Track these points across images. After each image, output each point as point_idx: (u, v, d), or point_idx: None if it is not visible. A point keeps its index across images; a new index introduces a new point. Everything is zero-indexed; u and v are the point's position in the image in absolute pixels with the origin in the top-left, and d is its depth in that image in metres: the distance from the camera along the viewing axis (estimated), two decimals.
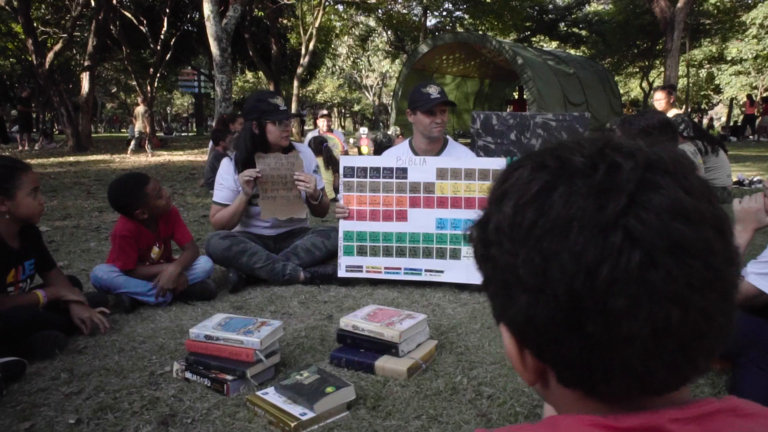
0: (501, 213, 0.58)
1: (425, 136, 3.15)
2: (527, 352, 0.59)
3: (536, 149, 0.64)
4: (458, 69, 15.97)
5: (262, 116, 3.14)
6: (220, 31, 9.01)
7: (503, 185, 0.60)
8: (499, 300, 0.60)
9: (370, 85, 42.48)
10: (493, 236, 0.58)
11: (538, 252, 0.52)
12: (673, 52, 12.35)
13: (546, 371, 0.60)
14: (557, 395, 0.61)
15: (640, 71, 28.59)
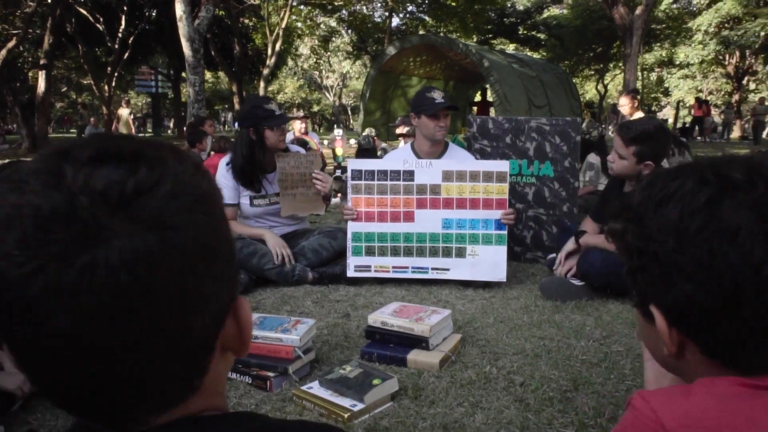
0: (664, 217, 0.72)
1: (428, 139, 3.27)
2: (674, 328, 0.74)
3: (683, 163, 0.78)
4: (424, 71, 16.20)
5: (260, 123, 3.20)
6: (193, 31, 8.92)
7: (661, 192, 0.74)
8: (656, 287, 0.74)
9: (331, 86, 42.44)
10: (657, 235, 0.72)
11: (707, 251, 0.67)
12: (631, 57, 12.88)
13: (686, 344, 0.74)
14: (694, 364, 0.75)
15: (596, 74, 29.53)
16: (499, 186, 3.05)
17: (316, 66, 32.76)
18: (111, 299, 0.43)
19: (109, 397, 0.47)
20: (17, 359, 0.48)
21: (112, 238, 0.43)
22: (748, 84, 28.85)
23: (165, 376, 0.49)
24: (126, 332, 0.45)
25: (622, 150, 2.76)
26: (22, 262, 0.42)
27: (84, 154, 0.46)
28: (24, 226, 0.43)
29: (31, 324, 0.43)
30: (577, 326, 2.50)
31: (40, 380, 0.48)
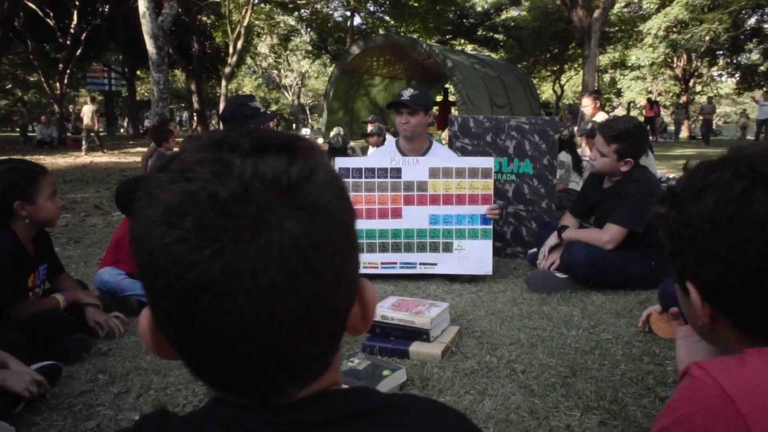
0: (702, 205, 0.81)
1: (401, 135, 3.35)
2: (706, 303, 0.83)
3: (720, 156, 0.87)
4: (388, 71, 16.28)
5: (245, 120, 3.20)
6: (156, 28, 8.73)
7: (701, 182, 0.83)
8: (692, 266, 0.83)
9: (289, 85, 42.11)
10: (695, 221, 0.81)
11: (737, 236, 0.77)
12: (590, 59, 13.28)
13: (718, 317, 0.84)
14: (725, 335, 0.85)
15: (552, 75, 30.23)
16: (485, 182, 3.13)
17: (275, 65, 32.44)
18: (283, 279, 0.46)
19: (264, 371, 0.51)
20: (177, 336, 0.50)
21: (282, 223, 0.46)
22: (695, 86, 30.05)
23: (313, 351, 0.53)
24: (293, 310, 0.48)
25: (604, 148, 2.88)
26: (201, 246, 0.45)
27: (245, 145, 0.49)
28: (202, 212, 0.46)
29: (211, 303, 0.46)
30: (565, 317, 2.60)
31: (199, 356, 0.51)
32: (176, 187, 0.47)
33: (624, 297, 2.85)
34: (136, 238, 0.50)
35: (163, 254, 0.46)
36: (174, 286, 0.46)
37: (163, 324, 0.52)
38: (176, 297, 0.47)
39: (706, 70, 30.15)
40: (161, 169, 0.51)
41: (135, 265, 0.52)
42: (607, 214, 2.98)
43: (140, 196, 0.51)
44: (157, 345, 0.57)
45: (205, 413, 0.55)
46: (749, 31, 26.70)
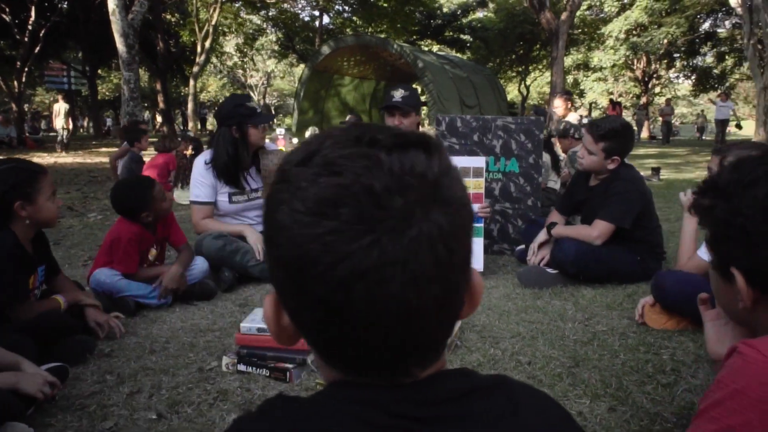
0: (752, 195, 0.88)
1: None
2: (750, 287, 0.91)
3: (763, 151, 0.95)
4: (358, 71, 16.29)
5: (244, 120, 3.20)
6: (127, 26, 8.55)
7: (750, 175, 0.90)
8: (740, 252, 0.91)
9: (255, 85, 41.69)
10: (745, 210, 0.88)
11: None
12: (558, 60, 13.57)
13: (759, 300, 0.91)
14: (765, 317, 0.93)
15: (518, 75, 30.71)
16: (476, 181, 3.20)
17: (241, 64, 32.08)
18: (430, 268, 0.50)
19: (401, 353, 0.54)
20: (319, 322, 0.53)
21: (429, 214, 0.50)
22: (654, 87, 30.96)
23: (442, 334, 0.57)
24: (435, 297, 0.52)
25: (592, 146, 2.98)
26: (357, 236, 0.48)
27: (386, 141, 0.53)
28: (358, 203, 0.48)
29: (364, 291, 0.49)
30: (559, 310, 2.69)
31: (340, 341, 0.53)
32: (325, 180, 0.50)
33: (612, 290, 2.96)
34: (281, 229, 0.52)
35: (315, 245, 0.49)
36: (327, 275, 0.49)
37: (301, 312, 0.55)
38: (329, 286, 0.49)
39: (664, 72, 31.10)
40: (298, 164, 0.54)
41: (276, 257, 0.54)
42: (594, 211, 3.08)
43: (278, 189, 0.54)
44: (281, 332, 0.60)
45: (332, 395, 0.57)
46: (703, 35, 27.64)
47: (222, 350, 2.28)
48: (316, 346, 0.57)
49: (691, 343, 2.26)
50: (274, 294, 0.60)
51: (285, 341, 0.62)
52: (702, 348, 2.21)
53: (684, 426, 1.65)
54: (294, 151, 0.58)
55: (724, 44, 28.16)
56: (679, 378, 1.96)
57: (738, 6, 18.12)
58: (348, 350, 0.54)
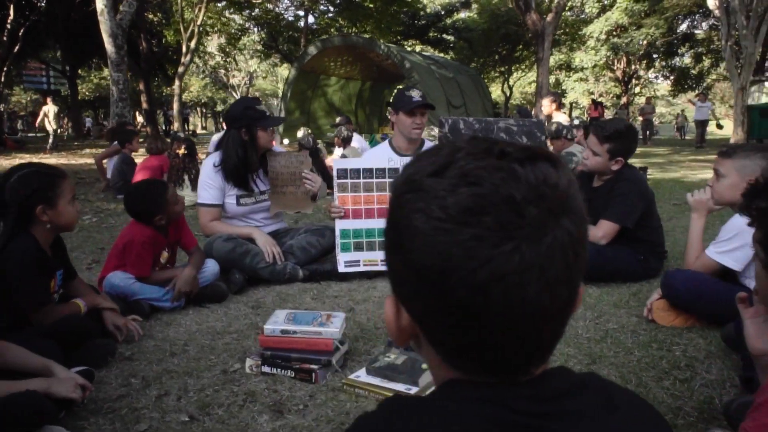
0: None
1: (405, 136, 3.42)
2: None
3: None
4: (345, 71, 16.31)
5: (253, 123, 3.22)
6: (115, 27, 8.45)
7: None
8: None
9: (237, 85, 41.43)
10: None
11: None
12: (544, 61, 13.73)
13: None
14: None
15: (501, 76, 30.95)
16: None
17: (224, 64, 31.86)
18: (562, 272, 0.54)
19: (526, 352, 0.58)
20: (450, 324, 0.57)
21: (561, 222, 0.54)
22: (634, 87, 31.43)
23: (560, 334, 0.61)
24: (564, 299, 0.56)
25: (597, 147, 3.05)
26: (499, 242, 0.52)
27: (516, 154, 0.56)
28: (499, 212, 0.52)
29: (503, 294, 0.53)
30: None
31: (468, 341, 0.57)
32: (465, 190, 0.53)
33: (617, 289, 3.03)
34: (417, 235, 0.55)
35: (457, 250, 0.52)
36: (468, 279, 0.53)
37: (433, 314, 0.58)
38: (469, 289, 0.53)
39: (643, 73, 31.58)
40: (432, 175, 0.58)
41: (407, 261, 0.57)
42: (598, 211, 3.15)
43: (410, 198, 0.57)
44: (400, 332, 0.64)
45: (454, 394, 0.61)
46: (682, 36, 28.12)
47: (242, 352, 2.30)
48: (441, 347, 0.61)
49: (701, 340, 2.33)
50: (393, 296, 0.63)
51: (402, 341, 0.65)
52: (712, 344, 2.28)
53: (706, 420, 1.72)
54: (418, 163, 0.61)
55: (701, 45, 28.70)
56: (694, 373, 2.02)
57: (716, 8, 18.49)
58: (479, 351, 0.58)
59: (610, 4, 26.34)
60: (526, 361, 0.59)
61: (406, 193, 0.58)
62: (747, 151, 2.33)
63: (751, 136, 18.55)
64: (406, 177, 0.59)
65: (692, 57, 29.79)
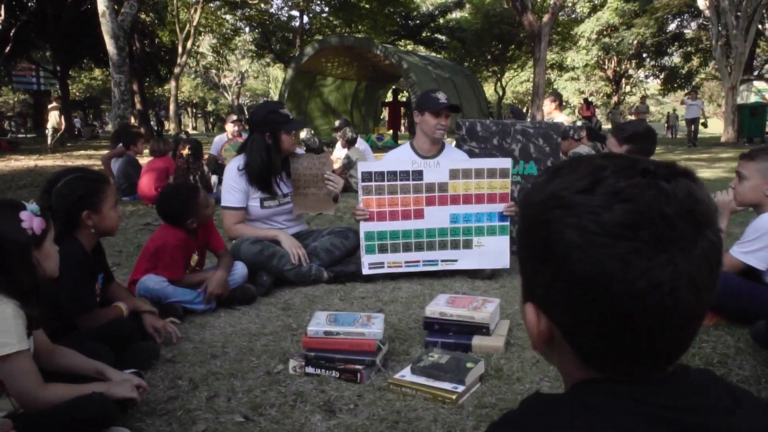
0: None
1: (428, 136, 3.47)
2: None
3: None
4: (341, 71, 16.33)
5: (277, 127, 3.25)
6: (117, 28, 8.43)
7: None
8: None
9: (228, 85, 41.32)
10: None
11: None
12: (540, 61, 13.83)
13: None
14: None
15: (493, 75, 31.09)
16: (502, 181, 3.31)
17: (217, 64, 31.76)
18: (707, 279, 0.60)
19: (668, 352, 0.64)
20: (603, 329, 0.61)
21: (706, 233, 0.60)
22: (625, 87, 31.72)
23: (696, 334, 0.66)
24: (706, 303, 0.62)
25: (616, 149, 3.12)
26: (655, 254, 0.57)
27: (662, 171, 0.62)
28: (654, 226, 0.58)
29: (657, 301, 0.58)
30: None
31: (616, 344, 0.61)
32: (620, 207, 0.59)
33: None
34: (571, 249, 0.60)
35: (615, 262, 0.58)
36: (625, 289, 0.58)
37: (583, 320, 0.62)
38: (625, 298, 0.58)
39: (633, 72, 31.87)
40: (582, 192, 0.62)
41: (559, 272, 0.62)
42: None
43: (560, 214, 0.62)
44: (539, 336, 0.69)
45: (590, 392, 0.65)
46: (671, 35, 28.39)
47: (281, 353, 2.34)
48: (584, 349, 0.66)
49: (729, 337, 2.40)
50: (532, 304, 0.69)
51: (540, 345, 0.70)
52: (740, 341, 2.35)
53: None
54: (559, 180, 0.66)
55: (690, 45, 29.02)
56: (729, 370, 2.09)
57: (706, 8, 18.70)
58: (626, 352, 0.63)
59: (601, 3, 26.57)
60: (666, 360, 0.65)
61: (553, 209, 0.63)
62: None
63: (742, 135, 18.78)
64: (550, 194, 0.65)
65: (681, 56, 30.10)
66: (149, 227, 5.17)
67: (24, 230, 1.58)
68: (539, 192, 0.67)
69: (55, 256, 1.70)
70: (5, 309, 1.52)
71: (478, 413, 1.85)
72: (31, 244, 1.59)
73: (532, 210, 0.67)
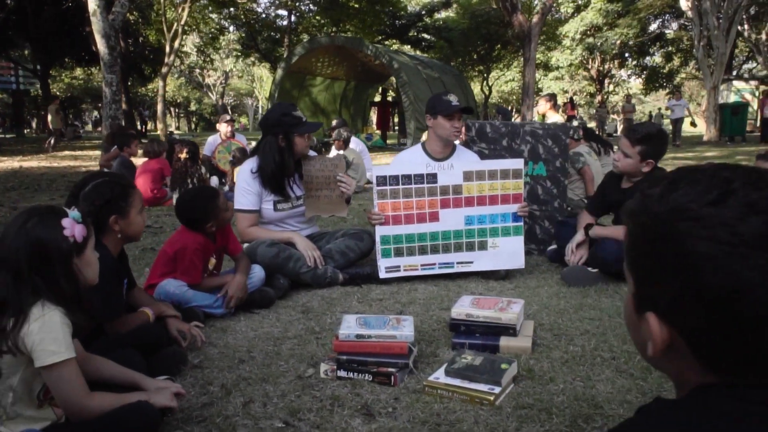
0: None
1: (442, 139, 3.48)
2: None
3: None
4: (330, 71, 16.29)
5: (290, 129, 3.24)
6: (108, 27, 8.30)
7: None
8: None
9: (212, 84, 41.00)
10: None
11: None
12: (530, 61, 13.94)
13: None
14: None
15: (479, 75, 31.25)
16: (515, 182, 3.33)
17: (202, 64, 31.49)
18: None
19: None
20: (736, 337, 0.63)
21: None
22: (608, 86, 32.08)
23: None
24: None
25: (629, 150, 3.15)
26: None
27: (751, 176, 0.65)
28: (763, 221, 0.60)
29: None
30: (611, 308, 2.84)
31: (748, 352, 0.63)
32: (756, 219, 0.61)
33: None
34: (706, 260, 0.62)
35: (752, 273, 0.60)
36: (763, 297, 0.60)
37: (714, 329, 0.64)
38: (761, 305, 0.60)
39: (617, 71, 32.24)
40: (711, 205, 0.64)
41: (692, 284, 0.63)
42: None
43: (689, 226, 0.64)
44: (661, 345, 0.69)
45: (713, 396, 0.66)
46: (653, 35, 28.78)
47: (309, 357, 2.33)
48: (708, 356, 0.67)
49: None
50: (654, 313, 0.70)
51: (658, 352, 0.71)
52: None
53: None
54: (683, 192, 0.67)
55: (671, 45, 29.45)
56: None
57: (689, 9, 19.00)
58: (757, 358, 0.64)
59: (585, 4, 26.86)
60: None
61: (680, 221, 0.65)
62: None
63: (724, 134, 19.11)
64: (675, 206, 0.66)
65: (663, 56, 30.53)
66: (149, 230, 5.12)
67: (66, 237, 1.55)
68: (658, 204, 0.68)
69: (96, 264, 1.68)
70: (53, 316, 1.50)
71: (518, 414, 1.86)
72: (73, 252, 1.57)
73: (652, 222, 0.68)
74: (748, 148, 15.35)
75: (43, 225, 1.54)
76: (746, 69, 30.62)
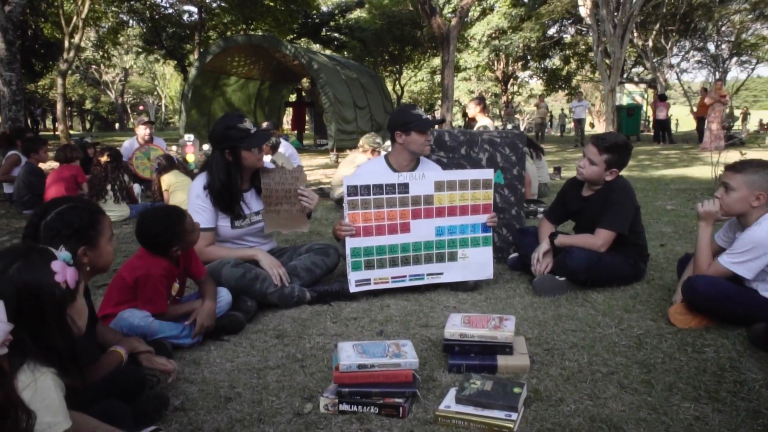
0: None
1: (415, 153, 3.38)
2: None
3: None
4: (245, 71, 15.75)
5: (236, 144, 3.02)
6: (5, 20, 7.46)
7: None
8: None
9: (111, 81, 38.59)
10: None
11: None
12: (449, 63, 14.16)
13: None
14: None
15: (391, 75, 31.50)
16: (485, 192, 3.30)
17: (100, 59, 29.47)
18: None
19: None
20: None
21: None
22: (512, 87, 33.43)
23: None
24: None
25: (596, 157, 3.21)
26: None
27: None
28: None
29: None
30: (587, 318, 2.87)
31: None
32: None
33: (615, 293, 3.21)
34: None
35: None
36: None
37: None
38: None
39: (520, 73, 33.68)
40: None
41: None
42: (590, 220, 3.32)
43: None
44: None
45: None
46: (554, 40, 30.33)
47: (300, 389, 2.17)
48: None
49: (725, 340, 2.54)
50: None
51: None
52: (737, 344, 2.50)
53: None
54: None
55: (569, 49, 31.18)
56: (741, 374, 2.21)
57: (587, 16, 20.13)
58: None
59: (491, 7, 27.83)
60: None
61: None
62: (755, 167, 2.59)
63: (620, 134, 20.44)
64: None
65: (561, 59, 32.25)
66: None
67: (57, 284, 1.32)
68: None
69: (86, 312, 1.45)
70: (45, 380, 1.26)
71: None
72: (67, 300, 1.34)
73: None
74: (644, 147, 16.52)
75: (31, 270, 1.29)
76: (635, 72, 33.01)
